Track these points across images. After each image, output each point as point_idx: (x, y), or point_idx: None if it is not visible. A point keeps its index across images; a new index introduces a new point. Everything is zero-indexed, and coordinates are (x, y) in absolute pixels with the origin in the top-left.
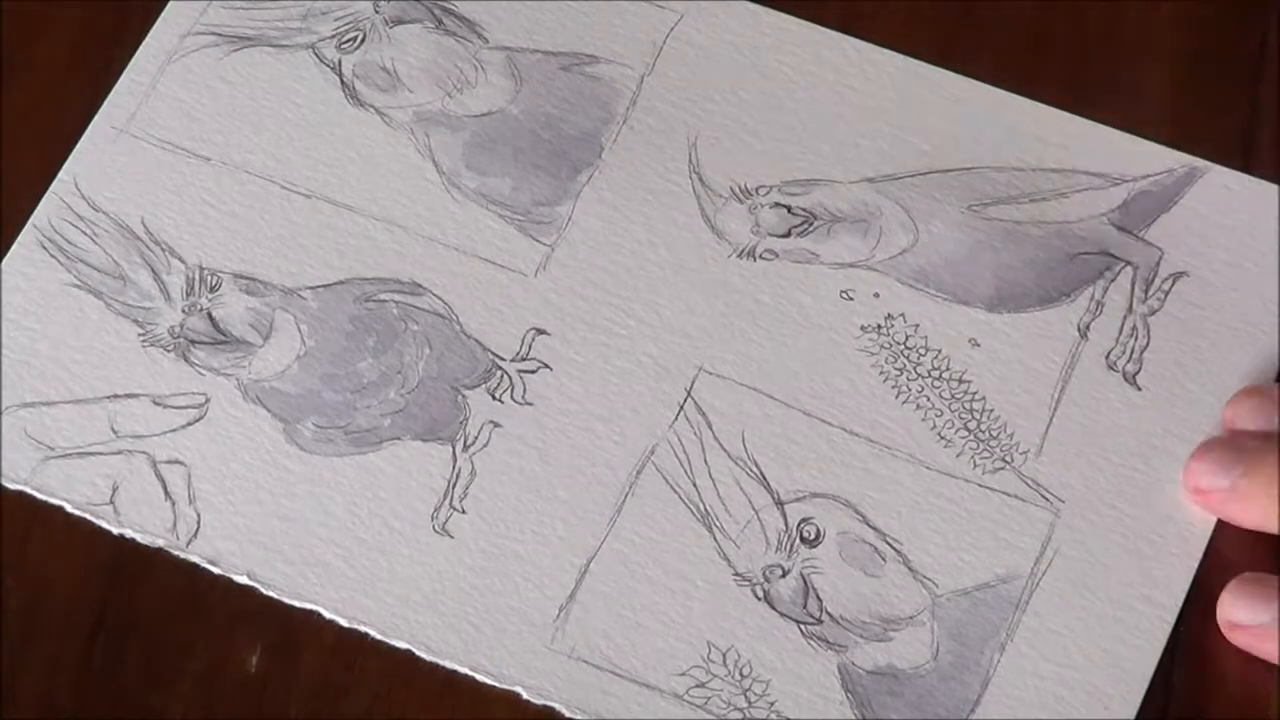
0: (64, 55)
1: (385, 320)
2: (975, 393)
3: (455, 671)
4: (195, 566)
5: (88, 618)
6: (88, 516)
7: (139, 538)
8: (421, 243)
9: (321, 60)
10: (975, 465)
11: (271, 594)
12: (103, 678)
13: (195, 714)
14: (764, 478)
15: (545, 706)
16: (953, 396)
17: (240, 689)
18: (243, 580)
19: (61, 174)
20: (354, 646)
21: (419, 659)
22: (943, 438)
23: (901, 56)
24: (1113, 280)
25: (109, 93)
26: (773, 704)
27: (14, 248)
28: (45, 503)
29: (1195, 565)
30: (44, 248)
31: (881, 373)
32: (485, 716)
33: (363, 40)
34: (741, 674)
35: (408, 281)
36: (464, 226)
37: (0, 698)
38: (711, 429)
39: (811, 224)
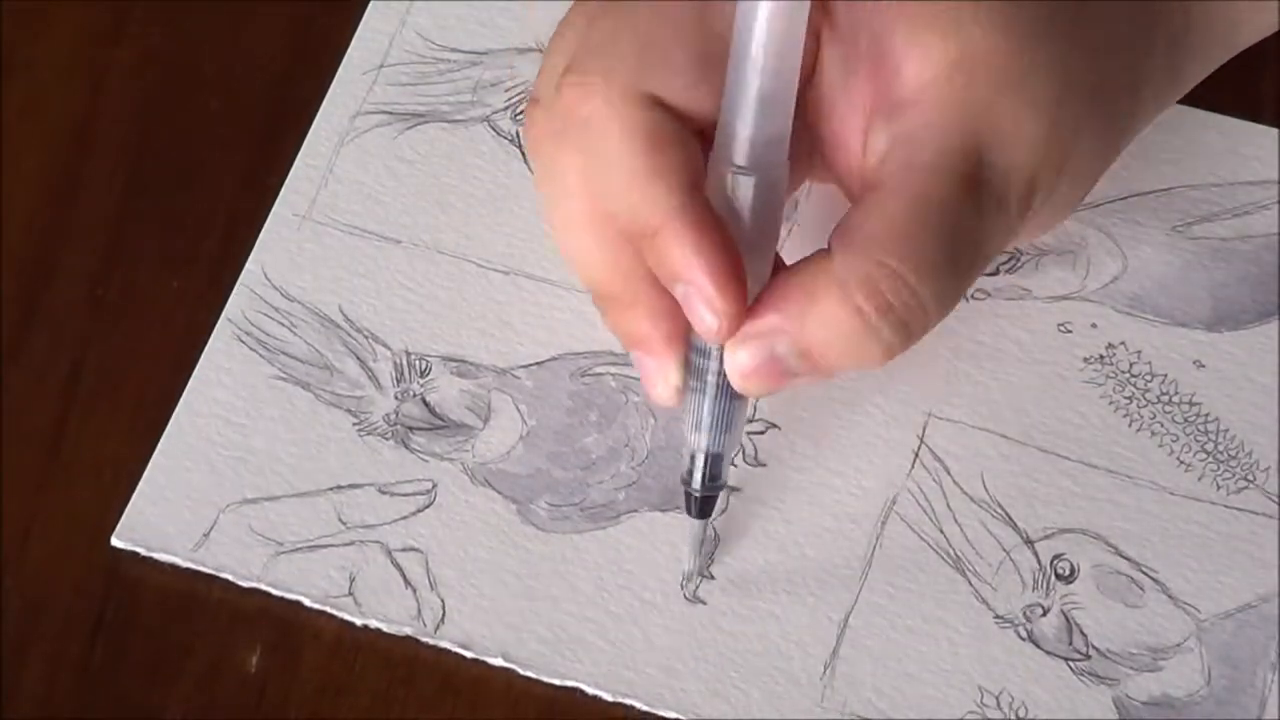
0: (64, 55)
1: (605, 394)
2: (1208, 414)
3: (455, 671)
4: (195, 568)
5: (88, 618)
6: (329, 610)
7: (384, 627)
8: None
9: (498, 133)
10: (1218, 487)
11: (530, 674)
12: (103, 678)
13: (195, 714)
14: (1010, 518)
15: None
16: (1186, 420)
17: (240, 689)
18: (497, 663)
19: (249, 264)
20: (354, 646)
21: (419, 659)
22: (1182, 462)
23: None
24: None
25: (109, 94)
26: None
27: (211, 342)
28: (44, 503)
29: None
30: (242, 341)
31: (1111, 402)
32: (485, 716)
33: None
34: (1018, 716)
35: (621, 352)
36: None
37: (0, 698)
38: (950, 474)
39: (1018, 259)
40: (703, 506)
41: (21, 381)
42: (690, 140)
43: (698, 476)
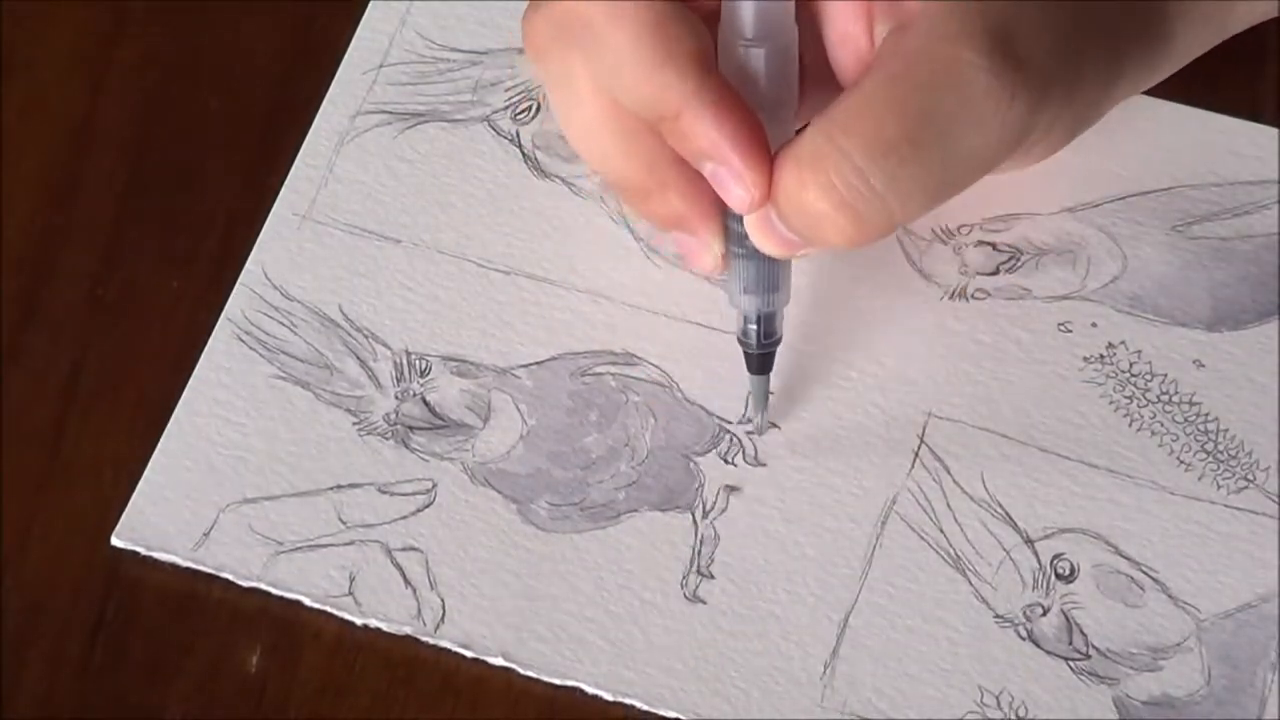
0: (64, 55)
1: (605, 393)
2: (1208, 414)
3: (455, 671)
4: (195, 568)
5: (88, 618)
6: (329, 610)
7: (384, 627)
8: (629, 311)
9: (498, 132)
10: (1219, 486)
11: (530, 674)
12: (103, 678)
13: (195, 714)
14: (1010, 517)
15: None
16: (1186, 420)
17: (240, 689)
18: (497, 662)
19: (249, 264)
20: (354, 646)
21: (419, 659)
22: (1182, 461)
23: None
24: None
25: (109, 94)
26: None
27: (211, 341)
28: (44, 503)
29: None
30: (242, 340)
31: (1111, 402)
32: (485, 716)
33: (538, 110)
34: (1018, 715)
35: (621, 352)
36: (669, 291)
37: (0, 698)
38: (950, 473)
39: (1019, 259)
40: (762, 362)
41: (21, 381)
42: (696, 21)
43: (754, 335)
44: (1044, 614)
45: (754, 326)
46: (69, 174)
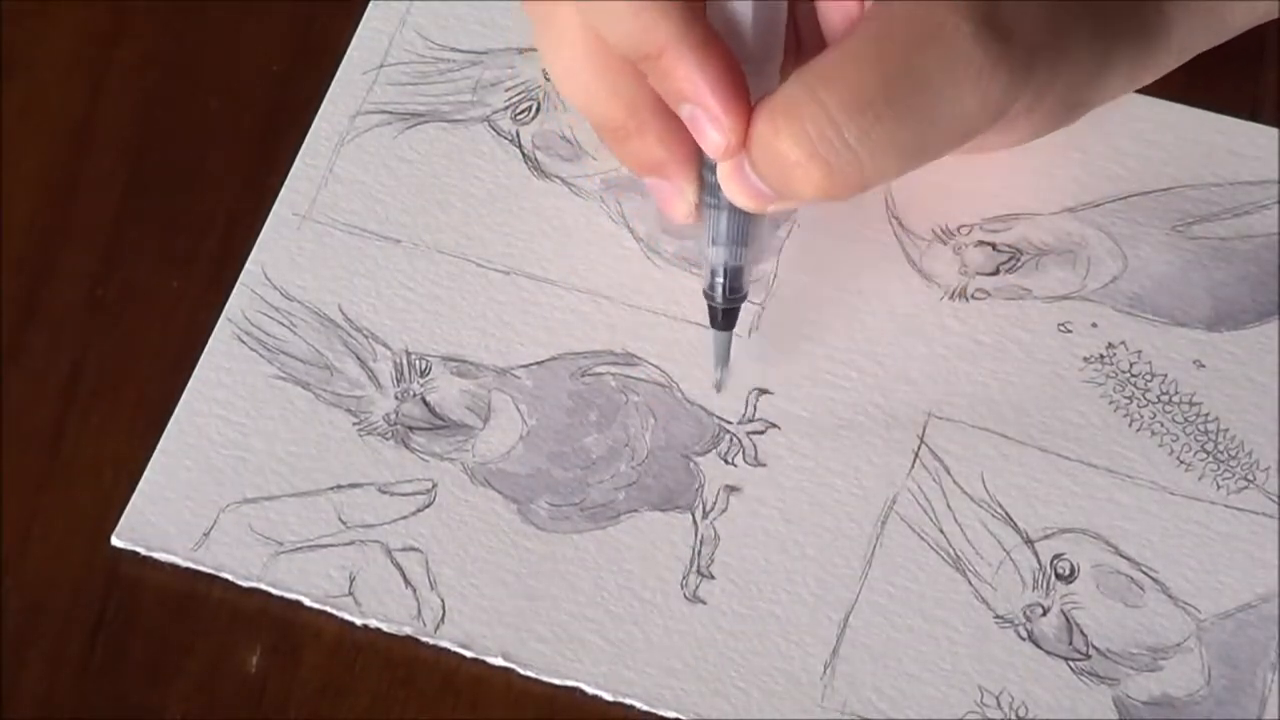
0: (64, 55)
1: (605, 394)
2: (1208, 414)
3: (455, 671)
4: (195, 568)
5: (88, 618)
6: (330, 610)
7: (385, 627)
8: (629, 312)
9: (499, 133)
10: (1219, 486)
11: (530, 674)
12: (103, 678)
13: (195, 714)
14: (1010, 517)
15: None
16: (1185, 420)
17: (240, 689)
18: (497, 662)
19: (249, 264)
20: (354, 646)
21: (419, 659)
22: (1182, 462)
23: None
24: None
25: (109, 94)
26: None
27: (211, 342)
28: (44, 503)
29: None
30: (242, 341)
31: (1111, 402)
32: (485, 717)
33: (537, 110)
34: (1018, 716)
35: (621, 352)
36: (669, 292)
37: (0, 698)
38: (950, 473)
39: (1019, 259)
40: (725, 317)
41: (21, 381)
42: None
43: (719, 289)
44: (1044, 614)
45: (720, 280)
46: (69, 174)
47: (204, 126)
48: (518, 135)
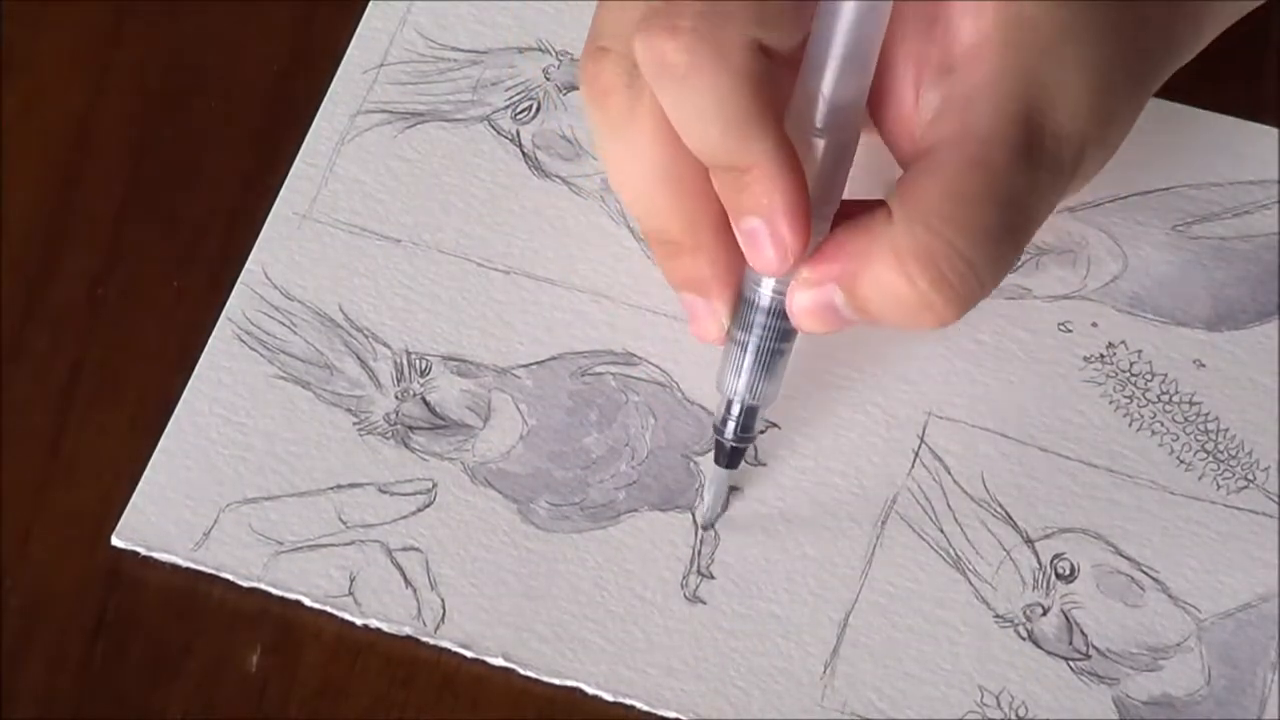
0: (64, 55)
1: (605, 393)
2: (1208, 413)
3: (455, 672)
4: (195, 568)
5: (88, 618)
6: (330, 610)
7: (385, 627)
8: (629, 312)
9: (499, 132)
10: (1219, 486)
11: (530, 674)
12: (103, 678)
13: (195, 714)
14: (1010, 517)
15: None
16: (1186, 419)
17: (240, 689)
18: (498, 662)
19: (249, 263)
20: (354, 646)
21: (419, 659)
22: (1182, 461)
23: None
24: None
25: (109, 94)
26: None
27: (211, 341)
28: (44, 503)
29: None
30: (242, 340)
31: (1111, 402)
32: (485, 717)
33: (538, 109)
34: (1019, 715)
35: (621, 352)
36: (669, 291)
37: (0, 698)
38: (950, 473)
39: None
40: (732, 456)
41: (21, 381)
42: (782, 77)
43: (731, 425)
44: (1044, 614)
45: (735, 417)
46: (69, 174)
47: (204, 126)
48: (518, 135)
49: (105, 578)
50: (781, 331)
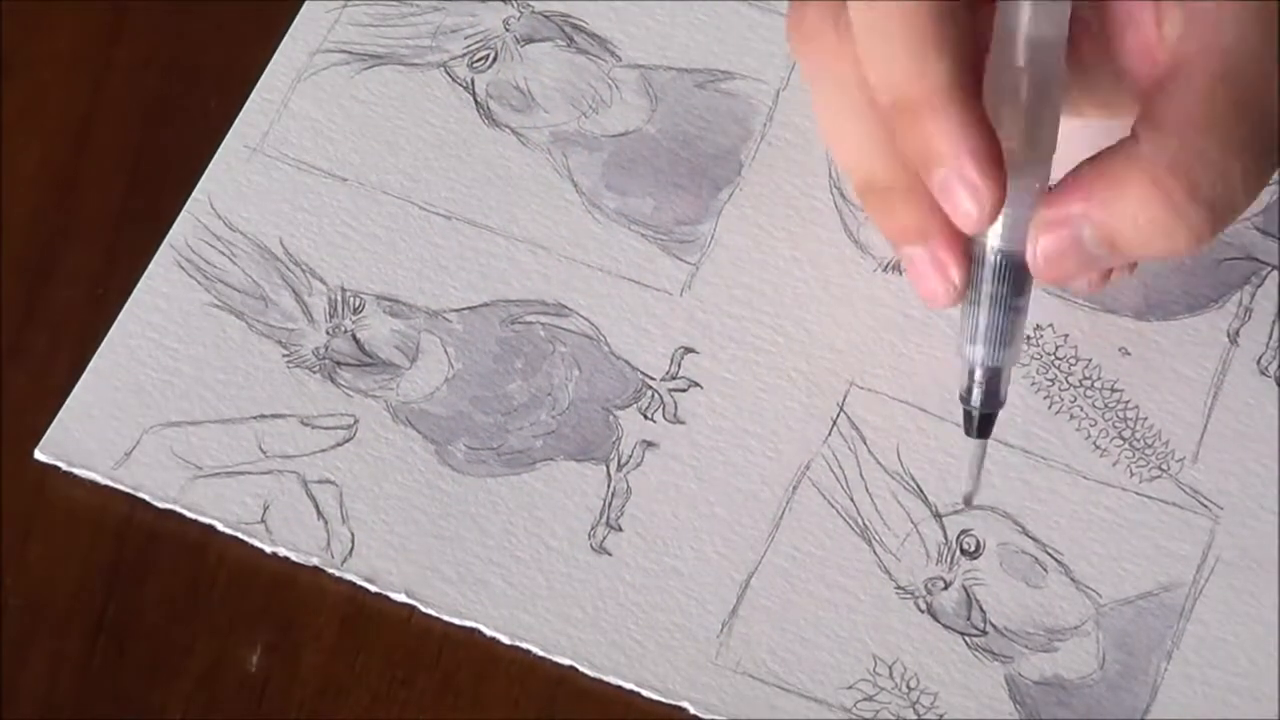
0: (64, 55)
1: (533, 342)
2: (1128, 401)
3: (455, 672)
4: (195, 565)
5: (88, 618)
6: (240, 535)
7: (293, 556)
8: (565, 264)
9: (454, 79)
10: (1132, 474)
11: (430, 612)
12: (103, 678)
13: (195, 714)
14: (921, 491)
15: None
16: (1106, 405)
17: (240, 689)
18: (400, 598)
19: (196, 193)
20: (354, 646)
21: (418, 659)
22: (1098, 447)
23: None
24: (1259, 285)
25: (109, 94)
26: (941, 716)
27: (151, 267)
28: (44, 502)
29: None
30: (181, 268)
31: (1033, 384)
32: (485, 717)
33: (494, 59)
34: (909, 686)
35: (553, 303)
36: (607, 247)
37: (0, 698)
38: (866, 443)
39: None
40: (983, 424)
41: (21, 381)
42: (973, 35)
43: (977, 393)
44: (945, 588)
45: (980, 384)
46: (69, 174)
47: (204, 126)
48: (472, 83)
49: (105, 578)
50: (1016, 284)
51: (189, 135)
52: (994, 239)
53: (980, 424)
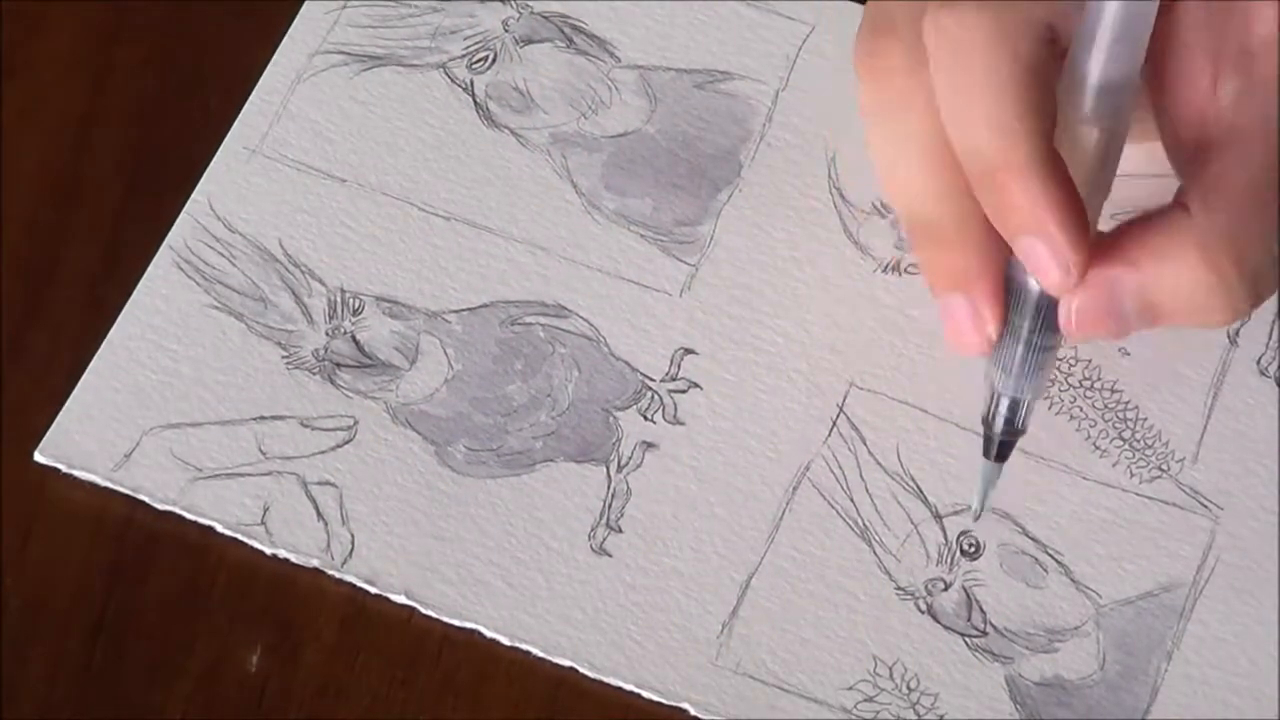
0: (64, 55)
1: (532, 343)
2: (1128, 402)
3: (455, 671)
4: (195, 565)
5: (88, 618)
6: (240, 537)
7: (294, 558)
8: (564, 265)
9: (453, 80)
10: (1132, 474)
11: (430, 613)
12: (103, 678)
13: (195, 714)
14: (921, 491)
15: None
16: (1105, 406)
17: (240, 689)
18: (400, 600)
19: (195, 194)
20: (354, 646)
21: (418, 659)
22: (1098, 448)
23: None
24: None
25: (109, 94)
26: (942, 716)
27: (150, 268)
28: (44, 503)
29: None
30: (180, 269)
31: None
32: (485, 717)
33: (493, 60)
34: (909, 687)
35: (552, 304)
36: (606, 248)
37: (0, 698)
38: (865, 444)
39: None
40: (1001, 450)
41: (21, 381)
42: (1054, 84)
43: (999, 421)
44: (945, 589)
45: (1004, 412)
46: (69, 174)
47: (204, 127)
48: (471, 84)
49: (105, 578)
50: (1052, 326)
51: (189, 136)
52: (1036, 281)
53: (1000, 449)
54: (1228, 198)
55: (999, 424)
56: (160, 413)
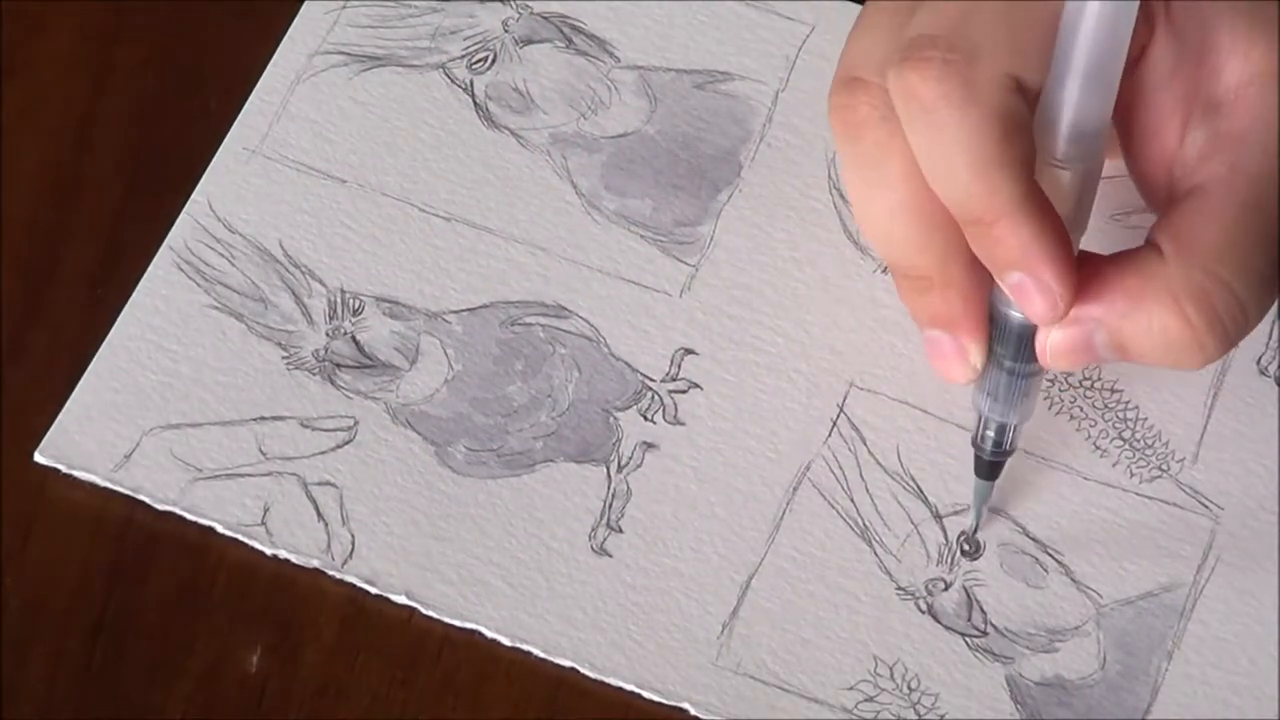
0: (64, 55)
1: (532, 344)
2: (1128, 402)
3: (455, 671)
4: (195, 565)
5: (88, 618)
6: (240, 537)
7: (294, 558)
8: (564, 265)
9: (453, 81)
10: (1132, 474)
11: (431, 614)
12: (103, 678)
13: (195, 714)
14: (921, 491)
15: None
16: (1106, 406)
17: (240, 689)
18: (401, 600)
19: (195, 195)
20: (354, 646)
21: (418, 660)
22: (1098, 447)
23: None
24: None
25: (109, 94)
26: (942, 716)
27: (150, 269)
28: (44, 503)
29: None
30: (180, 269)
31: None
32: (485, 717)
33: (493, 61)
34: (910, 687)
35: (552, 305)
36: (606, 248)
37: (0, 698)
38: (866, 444)
39: None
40: (990, 469)
41: (21, 381)
42: (1029, 125)
43: (989, 442)
44: (945, 589)
45: (991, 434)
46: (69, 174)
47: (204, 127)
48: (471, 85)
49: (105, 578)
50: (1035, 354)
51: (189, 136)
52: (1018, 312)
53: (989, 469)
54: (1199, 249)
55: (988, 447)
56: (160, 413)
